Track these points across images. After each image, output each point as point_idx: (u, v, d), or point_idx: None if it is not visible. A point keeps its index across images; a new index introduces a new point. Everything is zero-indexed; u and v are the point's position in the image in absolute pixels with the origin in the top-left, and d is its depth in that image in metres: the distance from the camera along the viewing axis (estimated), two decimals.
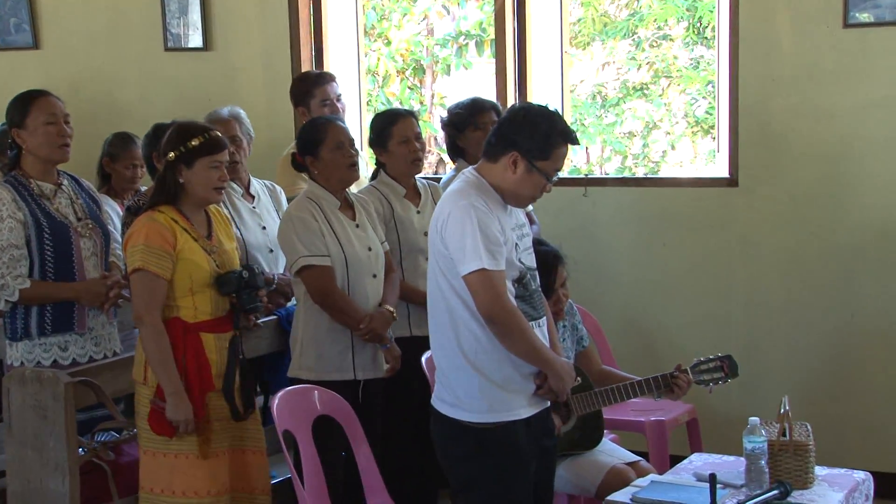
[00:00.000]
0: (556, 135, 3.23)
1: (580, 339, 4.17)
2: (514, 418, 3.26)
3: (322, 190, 4.09)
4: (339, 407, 3.83)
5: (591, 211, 5.48)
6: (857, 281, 5.04)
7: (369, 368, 4.07)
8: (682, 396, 3.93)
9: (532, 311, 3.31)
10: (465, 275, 3.16)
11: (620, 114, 10.59)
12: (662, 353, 5.28)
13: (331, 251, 3.99)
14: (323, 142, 4.07)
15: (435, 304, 3.31)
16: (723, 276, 5.27)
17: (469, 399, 3.25)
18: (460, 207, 3.18)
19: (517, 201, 3.32)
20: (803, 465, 3.47)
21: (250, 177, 4.60)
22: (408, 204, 4.40)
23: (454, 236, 3.17)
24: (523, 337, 3.21)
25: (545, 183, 3.27)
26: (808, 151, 5.07)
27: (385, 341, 4.05)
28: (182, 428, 3.50)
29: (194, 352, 3.56)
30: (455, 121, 4.67)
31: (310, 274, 3.99)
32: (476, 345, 3.23)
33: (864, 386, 5.08)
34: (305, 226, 3.99)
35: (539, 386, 3.30)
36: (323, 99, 4.97)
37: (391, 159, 4.38)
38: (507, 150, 3.24)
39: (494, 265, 3.15)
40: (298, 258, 3.99)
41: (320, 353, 4.02)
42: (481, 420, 3.24)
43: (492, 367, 3.23)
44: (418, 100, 9.86)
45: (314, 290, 4.00)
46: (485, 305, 3.16)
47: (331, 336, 4.02)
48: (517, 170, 3.24)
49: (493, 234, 3.17)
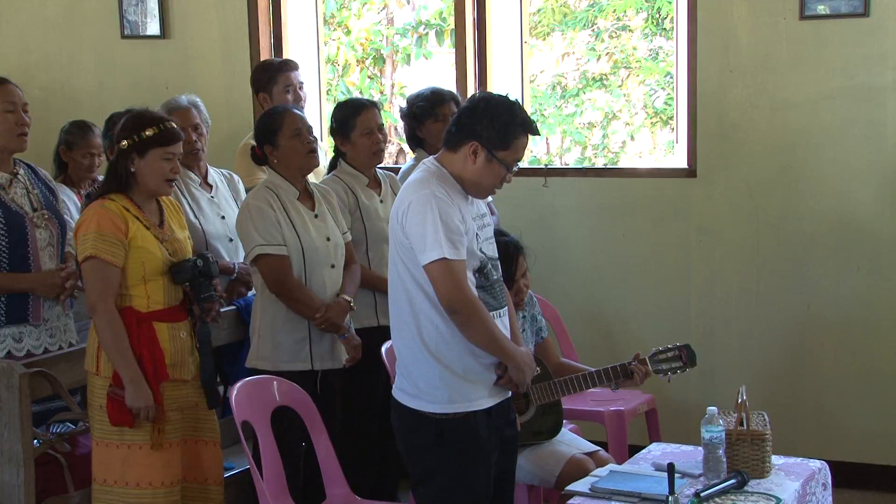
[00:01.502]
0: (516, 125, 3.23)
1: (539, 329, 4.17)
2: (475, 408, 3.26)
3: (281, 179, 4.06)
4: (298, 397, 3.81)
5: (551, 201, 5.49)
6: (812, 271, 5.08)
7: (327, 359, 4.05)
8: (641, 385, 3.95)
9: (493, 301, 3.30)
10: (425, 264, 3.15)
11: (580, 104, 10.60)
12: (621, 343, 5.30)
13: (287, 241, 3.97)
14: (280, 129, 4.05)
15: (395, 294, 3.30)
16: (681, 266, 5.29)
17: (430, 389, 3.24)
18: (421, 197, 3.17)
19: (478, 191, 3.31)
20: (760, 454, 3.48)
21: (208, 166, 4.56)
22: (371, 193, 4.39)
23: (415, 226, 3.16)
24: (484, 327, 3.20)
25: (505, 173, 3.26)
26: (765, 142, 5.10)
27: (342, 331, 4.03)
28: (143, 415, 3.47)
29: (148, 341, 3.52)
30: (415, 111, 4.66)
31: (265, 263, 3.97)
32: (437, 335, 3.22)
33: (820, 375, 5.12)
34: (262, 215, 3.97)
35: (499, 376, 3.29)
36: (286, 85, 4.95)
37: (353, 150, 4.37)
38: (467, 140, 3.23)
39: (455, 254, 3.14)
40: (254, 247, 3.96)
41: (277, 342, 3.99)
42: (442, 410, 3.24)
43: (452, 358, 3.22)
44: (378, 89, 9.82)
45: (269, 280, 3.98)
46: (445, 295, 3.15)
47: (288, 326, 3.99)
48: (477, 159, 3.23)
49: (453, 223, 3.16)
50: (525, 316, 4.10)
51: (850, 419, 5.09)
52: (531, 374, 3.35)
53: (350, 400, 4.22)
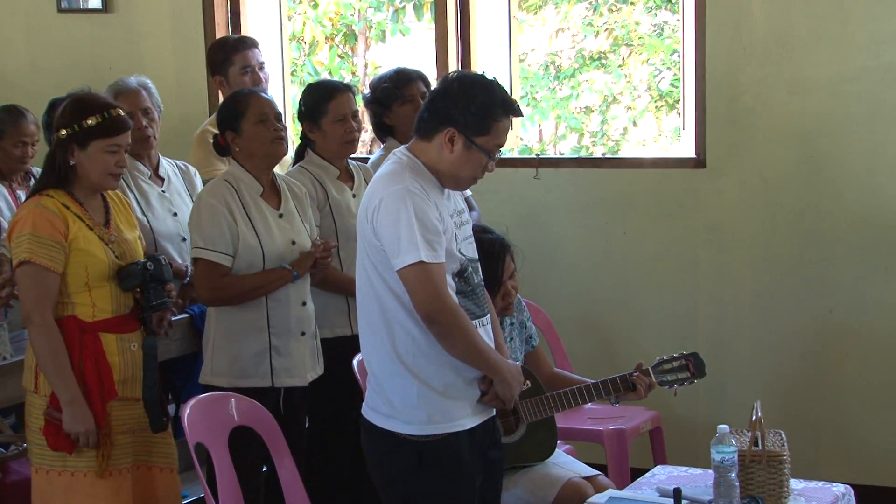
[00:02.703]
0: (495, 106, 3.23)
1: (529, 337, 4.18)
2: (458, 429, 3.26)
3: (243, 172, 4.04)
4: (258, 416, 3.80)
5: (542, 195, 5.50)
6: (835, 273, 5.11)
7: (291, 374, 4.05)
8: (644, 400, 3.96)
9: (475, 309, 3.31)
10: (400, 269, 3.15)
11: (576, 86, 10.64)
12: (622, 353, 5.32)
13: (248, 243, 3.96)
14: (244, 114, 4.03)
15: (365, 302, 3.29)
16: (689, 268, 5.32)
17: (406, 408, 3.24)
18: (393, 193, 3.17)
19: (456, 183, 3.32)
20: (777, 477, 3.49)
21: (160, 156, 4.56)
22: (342, 186, 4.39)
23: (387, 226, 3.16)
24: (466, 338, 3.21)
25: (486, 161, 3.27)
26: (782, 129, 5.13)
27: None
28: (82, 440, 3.46)
29: (93, 355, 3.52)
30: (379, 96, 4.68)
31: (200, 268, 3.95)
32: (413, 347, 3.22)
33: (844, 389, 5.15)
34: (211, 213, 3.95)
35: (484, 392, 3.30)
36: (244, 66, 4.95)
37: (323, 138, 4.36)
38: (441, 127, 3.23)
39: (433, 257, 3.15)
40: (194, 248, 3.96)
41: (235, 356, 3.98)
42: (420, 432, 3.24)
43: (431, 373, 3.23)
44: (350, 70, 9.83)
45: (199, 288, 3.97)
46: (423, 303, 3.15)
47: (247, 336, 3.99)
48: (454, 148, 3.23)
49: (431, 222, 3.16)
50: (513, 322, 4.12)
51: (877, 438, 5.12)
52: (519, 389, 3.35)
53: (319, 418, 4.22)
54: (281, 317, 4.02)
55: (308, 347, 4.10)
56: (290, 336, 4.04)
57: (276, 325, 4.02)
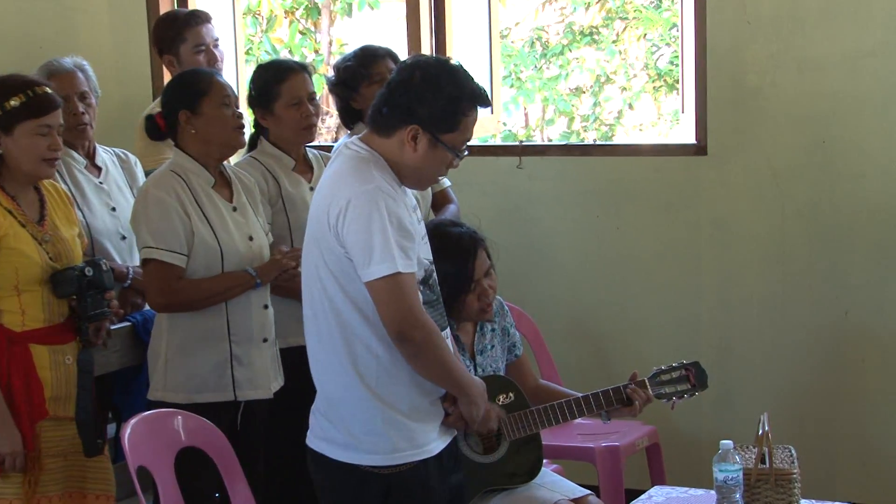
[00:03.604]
0: (463, 99, 3.20)
1: (512, 345, 4.18)
2: (425, 456, 3.24)
3: (191, 161, 4.02)
4: (209, 436, 3.79)
5: (527, 187, 5.50)
6: (851, 271, 5.12)
7: (254, 386, 4.04)
8: (639, 414, 3.96)
9: (440, 320, 3.30)
10: (370, 280, 3.12)
11: (565, 65, 10.66)
12: (615, 362, 5.33)
13: (204, 242, 3.94)
14: (206, 94, 4.01)
15: (318, 316, 3.24)
16: (690, 267, 5.32)
17: (370, 437, 3.21)
18: (364, 194, 3.12)
19: (418, 182, 3.31)
20: (787, 498, 3.50)
21: (96, 145, 4.54)
22: (298, 179, 4.39)
23: (357, 232, 3.11)
24: (439, 358, 3.19)
25: (452, 158, 3.25)
26: (792, 111, 5.13)
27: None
28: (8, 463, 3.44)
29: (22, 369, 3.50)
30: (344, 77, 4.67)
31: (152, 271, 3.93)
32: (377, 367, 3.19)
33: (862, 399, 5.16)
34: (161, 208, 3.93)
35: (448, 412, 3.29)
36: (197, 44, 4.95)
37: (277, 124, 4.36)
38: (403, 124, 3.20)
39: (408, 266, 3.12)
40: (143, 248, 3.94)
41: (192, 368, 3.96)
42: (387, 462, 3.21)
43: (397, 395, 3.20)
44: (312, 47, 9.82)
45: (151, 292, 3.95)
46: (395, 320, 3.11)
47: (205, 346, 3.97)
48: (418, 146, 3.20)
49: (405, 225, 3.14)
50: (494, 328, 4.11)
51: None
52: (484, 409, 3.34)
53: (276, 438, 4.20)
54: (242, 322, 4.02)
55: (270, 355, 4.10)
56: (252, 343, 4.04)
57: (237, 331, 4.01)
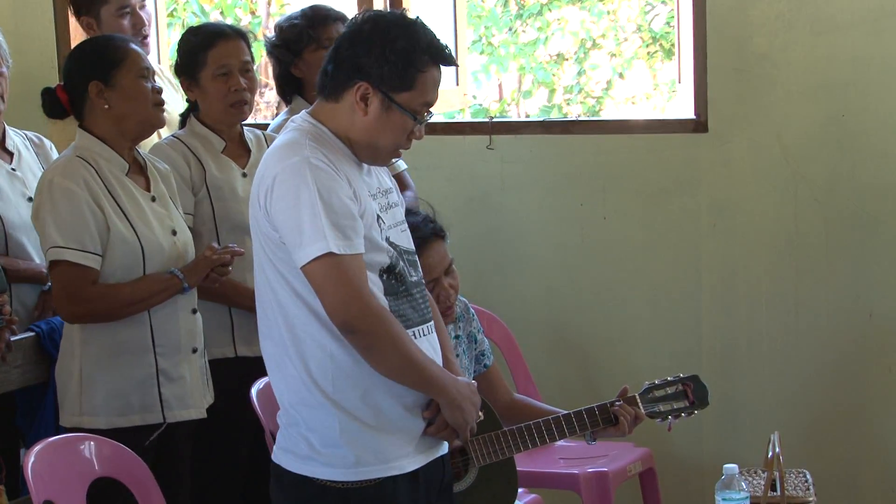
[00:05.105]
0: (419, 51, 3.23)
1: (481, 354, 4.19)
2: (394, 472, 3.26)
3: (101, 145, 4.02)
4: (127, 464, 3.79)
5: (499, 170, 5.51)
6: (874, 265, 5.16)
7: (185, 405, 4.05)
8: (631, 435, 3.98)
9: (412, 314, 3.31)
10: (304, 265, 3.15)
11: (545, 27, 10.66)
12: (602, 374, 5.36)
13: (122, 238, 3.94)
14: (122, 63, 4.01)
15: (268, 314, 3.29)
16: (688, 262, 5.35)
17: (327, 448, 3.24)
18: (290, 168, 3.16)
19: (375, 155, 3.32)
20: None
21: (5, 126, 4.54)
22: (227, 163, 4.39)
23: (284, 210, 3.15)
24: (398, 349, 3.20)
25: (413, 124, 3.27)
26: (805, 80, 5.16)
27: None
28: None
29: None
30: (288, 38, 4.69)
31: (60, 273, 3.92)
32: (331, 367, 3.21)
33: (888, 415, 5.20)
34: (70, 201, 3.92)
35: (429, 422, 3.31)
36: (122, 6, 4.95)
37: (203, 98, 4.37)
38: (350, 81, 3.23)
39: (347, 247, 3.14)
40: (50, 248, 3.94)
41: (112, 387, 3.96)
42: (346, 477, 3.24)
43: (357, 399, 3.22)
44: (248, 8, 9.80)
45: (59, 298, 3.95)
46: (336, 308, 3.14)
47: (127, 359, 3.97)
48: (369, 108, 3.23)
49: (341, 201, 3.16)
50: (459, 335, 4.12)
51: None
52: (475, 413, 3.36)
53: (201, 463, 4.22)
54: (168, 331, 4.03)
55: (198, 368, 4.11)
56: (180, 355, 4.05)
57: (163, 342, 4.02)
